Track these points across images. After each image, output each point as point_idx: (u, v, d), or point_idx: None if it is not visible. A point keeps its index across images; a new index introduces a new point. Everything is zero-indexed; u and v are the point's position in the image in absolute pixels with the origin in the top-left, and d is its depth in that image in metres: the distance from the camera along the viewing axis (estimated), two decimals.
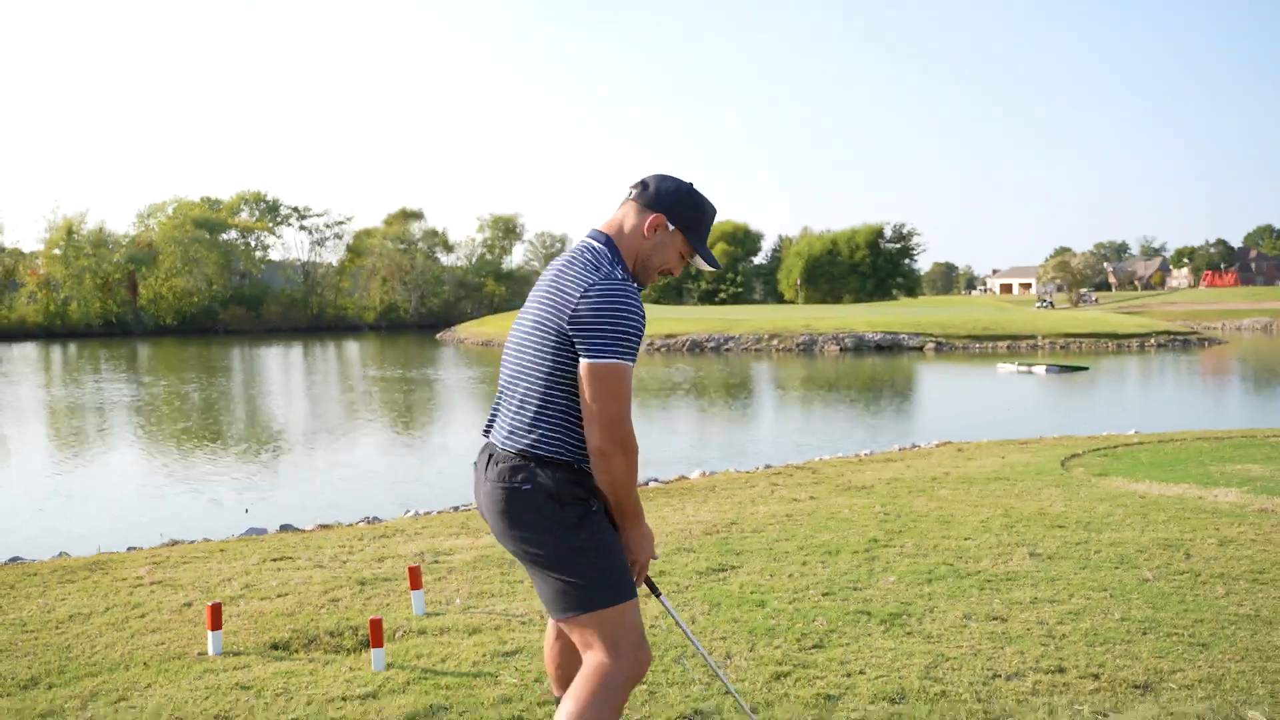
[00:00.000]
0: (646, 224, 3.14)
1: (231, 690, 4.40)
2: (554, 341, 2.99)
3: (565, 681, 3.35)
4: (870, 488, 9.89)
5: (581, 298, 2.94)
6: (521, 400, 3.06)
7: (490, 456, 3.10)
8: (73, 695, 4.38)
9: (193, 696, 4.33)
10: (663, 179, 3.19)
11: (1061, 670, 4.66)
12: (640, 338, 2.97)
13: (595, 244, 3.13)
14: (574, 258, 3.11)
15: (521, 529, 3.00)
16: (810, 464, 12.66)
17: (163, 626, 5.42)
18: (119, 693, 4.40)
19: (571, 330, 2.94)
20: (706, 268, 3.25)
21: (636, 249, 3.16)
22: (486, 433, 3.20)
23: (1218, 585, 6.09)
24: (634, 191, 3.19)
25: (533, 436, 3.01)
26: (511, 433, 3.06)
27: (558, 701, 3.36)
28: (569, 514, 2.97)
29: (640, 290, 3.17)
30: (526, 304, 3.18)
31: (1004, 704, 4.27)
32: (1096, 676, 4.58)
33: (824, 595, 5.89)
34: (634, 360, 2.95)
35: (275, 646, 5.08)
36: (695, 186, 3.20)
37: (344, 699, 4.28)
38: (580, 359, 2.94)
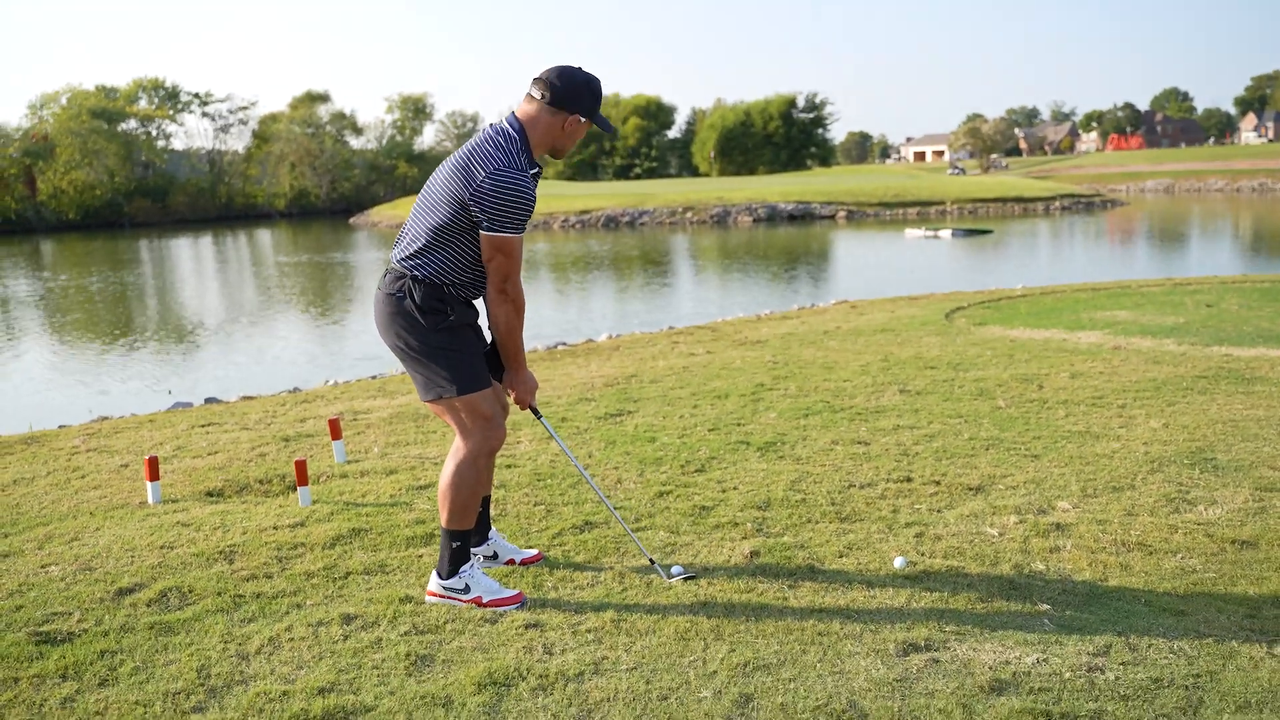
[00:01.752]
0: (565, 124, 3.77)
1: (174, 527, 4.91)
2: (453, 203, 3.72)
3: None
4: (765, 342, 10.55)
5: (485, 178, 3.62)
6: (414, 235, 3.84)
7: (386, 271, 3.91)
8: (28, 540, 4.85)
9: (138, 533, 4.84)
10: (565, 80, 3.74)
11: (909, 480, 5.35)
12: (530, 215, 3.73)
13: (510, 130, 3.75)
14: (489, 138, 3.74)
15: (395, 327, 3.82)
16: (711, 324, 13.31)
17: (103, 484, 5.88)
18: (71, 534, 4.89)
19: (473, 203, 3.65)
20: (607, 132, 3.91)
21: (550, 142, 3.82)
22: None
23: (1060, 409, 6.84)
24: (541, 93, 3.75)
25: (414, 261, 3.81)
26: (402, 257, 3.85)
27: None
28: (429, 320, 3.77)
29: (558, 161, 3.90)
30: (443, 164, 3.86)
31: (854, 506, 4.95)
32: (938, 483, 5.28)
33: (710, 431, 6.53)
34: (523, 232, 3.72)
35: (210, 494, 5.60)
36: (581, 71, 3.82)
37: (275, 528, 4.83)
38: (481, 230, 3.67)
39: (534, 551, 4.37)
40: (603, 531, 4.65)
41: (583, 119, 3.80)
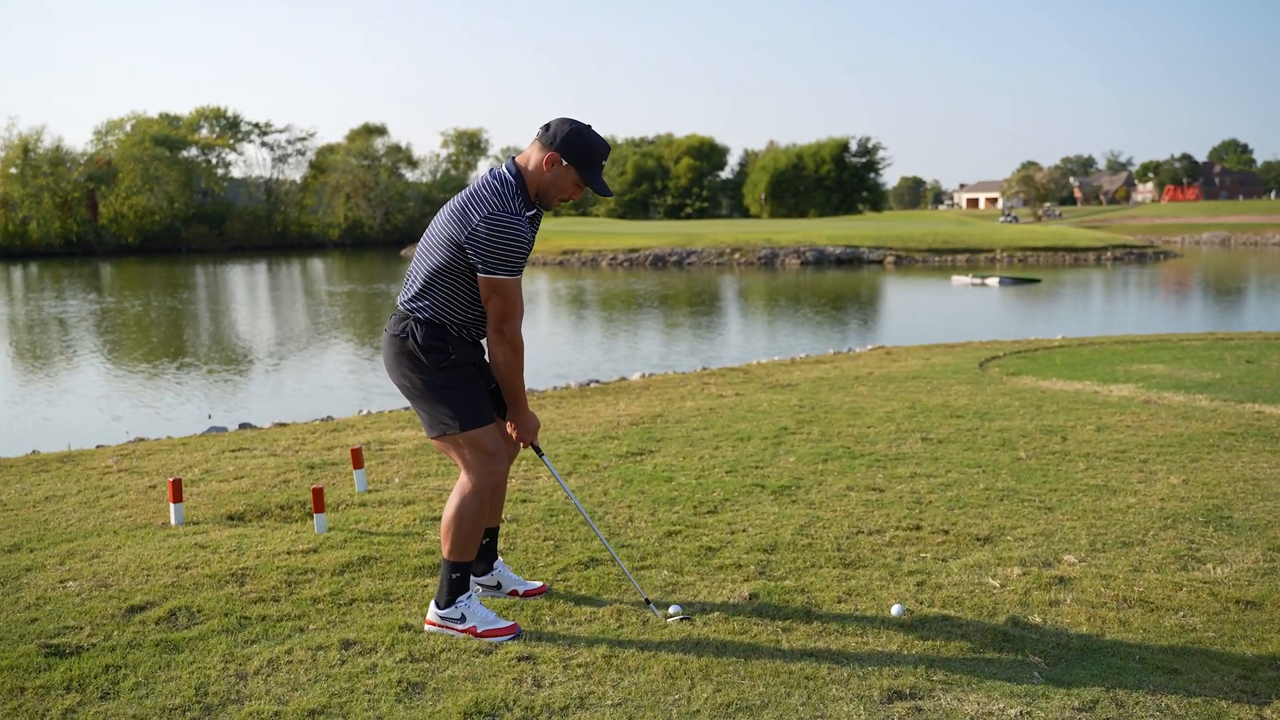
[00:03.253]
0: (544, 160, 3.88)
1: (191, 548, 5.04)
2: (450, 246, 3.85)
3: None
4: (795, 386, 10.58)
5: (480, 222, 3.76)
6: (415, 277, 3.97)
7: (393, 313, 4.03)
8: (51, 555, 5.00)
9: (157, 553, 4.97)
10: (562, 122, 3.93)
11: (918, 528, 5.36)
12: (524, 257, 3.84)
13: (507, 174, 3.89)
14: (487, 182, 3.88)
15: (401, 367, 3.96)
16: (744, 366, 13.35)
17: (130, 504, 6.04)
18: (92, 552, 5.03)
19: (469, 246, 3.78)
20: (600, 195, 4.04)
21: (539, 181, 3.92)
22: None
23: (1080, 462, 6.81)
24: (540, 133, 3.94)
25: (417, 303, 3.94)
26: (406, 299, 3.98)
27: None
28: (431, 359, 3.90)
29: (545, 211, 4.05)
30: (444, 208, 3.98)
31: (860, 553, 4.97)
32: (946, 532, 5.29)
33: (727, 473, 6.58)
34: (519, 274, 3.85)
35: (231, 518, 5.72)
36: (590, 128, 3.96)
37: (289, 553, 4.94)
38: (478, 273, 3.80)
39: (538, 584, 4.44)
40: (607, 569, 4.71)
41: (564, 162, 3.86)
